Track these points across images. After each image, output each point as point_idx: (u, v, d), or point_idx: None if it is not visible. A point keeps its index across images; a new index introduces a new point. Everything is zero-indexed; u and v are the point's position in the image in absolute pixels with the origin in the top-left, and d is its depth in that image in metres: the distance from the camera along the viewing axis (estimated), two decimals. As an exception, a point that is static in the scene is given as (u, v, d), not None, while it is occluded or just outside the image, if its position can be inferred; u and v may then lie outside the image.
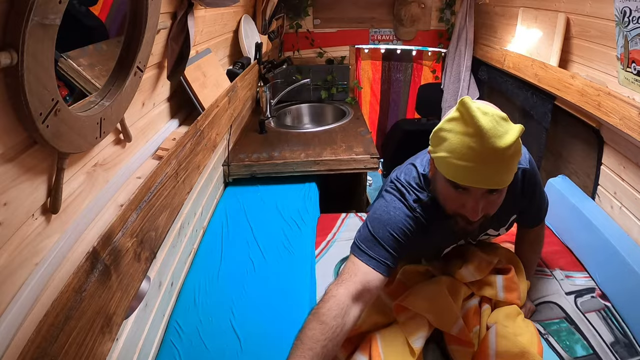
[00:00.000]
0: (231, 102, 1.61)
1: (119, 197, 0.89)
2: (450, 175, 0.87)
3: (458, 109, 0.84)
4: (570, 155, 1.79)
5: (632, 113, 1.17)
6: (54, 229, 0.70)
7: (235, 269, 1.34)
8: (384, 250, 0.97)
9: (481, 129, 0.79)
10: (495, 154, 0.80)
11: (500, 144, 0.79)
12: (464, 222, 0.93)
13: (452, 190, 0.90)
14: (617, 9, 1.16)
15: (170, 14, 1.16)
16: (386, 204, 1.03)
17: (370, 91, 3.39)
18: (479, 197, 0.88)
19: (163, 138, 1.18)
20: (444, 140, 0.86)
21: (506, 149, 0.79)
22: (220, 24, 1.73)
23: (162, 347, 1.09)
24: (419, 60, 3.24)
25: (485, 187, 0.86)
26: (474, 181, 0.84)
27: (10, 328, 0.58)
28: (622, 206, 1.37)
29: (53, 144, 0.62)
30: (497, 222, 1.13)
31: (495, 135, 0.79)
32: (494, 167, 0.82)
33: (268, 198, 1.76)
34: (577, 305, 1.22)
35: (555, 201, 1.60)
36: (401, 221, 0.99)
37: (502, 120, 0.81)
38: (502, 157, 0.81)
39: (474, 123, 0.80)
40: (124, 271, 0.75)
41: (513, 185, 0.99)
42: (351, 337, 1.04)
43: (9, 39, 0.52)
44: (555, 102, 1.75)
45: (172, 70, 1.20)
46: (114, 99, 0.81)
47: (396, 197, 1.04)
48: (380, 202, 1.06)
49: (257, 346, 1.08)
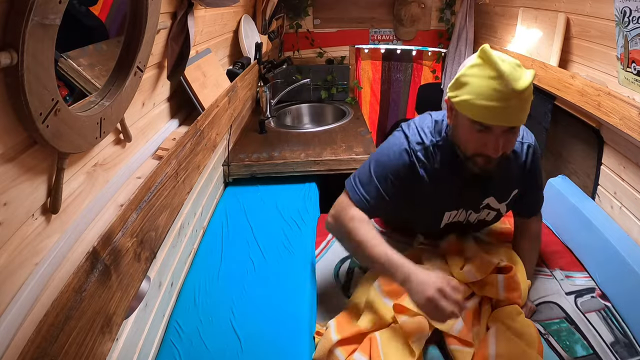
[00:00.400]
0: (231, 102, 1.61)
1: (119, 197, 0.89)
2: (475, 116, 0.96)
3: (479, 56, 0.95)
4: (570, 155, 1.79)
5: (632, 113, 1.17)
6: (54, 229, 0.70)
7: (235, 269, 1.34)
8: (375, 191, 1.08)
9: (502, 73, 0.90)
10: (515, 95, 0.90)
11: (519, 86, 0.89)
12: (483, 161, 1.02)
13: (475, 131, 0.98)
14: (617, 9, 1.16)
15: (170, 14, 1.16)
16: (388, 146, 1.12)
17: (370, 91, 3.39)
18: (500, 135, 0.97)
19: (163, 138, 1.18)
20: (466, 84, 0.96)
21: (524, 91, 0.90)
22: (220, 24, 1.73)
23: (162, 347, 1.09)
24: (419, 60, 3.24)
25: (507, 125, 0.96)
26: (498, 119, 0.94)
27: (10, 328, 0.58)
28: (622, 206, 1.37)
29: (53, 144, 0.62)
30: (500, 193, 1.18)
31: (514, 78, 0.90)
32: (514, 107, 0.92)
33: (268, 198, 1.76)
34: (577, 305, 1.22)
35: (556, 201, 1.60)
36: (399, 164, 1.08)
37: (517, 67, 0.93)
38: (521, 97, 0.91)
39: (496, 68, 0.91)
40: (124, 271, 0.75)
41: (518, 158, 1.14)
42: (351, 337, 1.05)
43: (9, 39, 0.52)
44: (555, 102, 1.75)
45: (172, 70, 1.20)
46: (114, 99, 0.81)
47: (399, 141, 1.12)
48: (384, 143, 1.15)
49: (257, 346, 1.08)
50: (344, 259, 1.43)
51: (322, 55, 2.98)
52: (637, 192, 1.30)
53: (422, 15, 2.86)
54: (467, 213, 1.21)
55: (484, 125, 0.96)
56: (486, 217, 1.25)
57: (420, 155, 1.09)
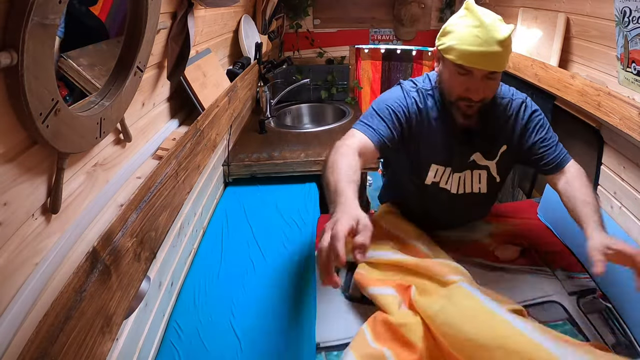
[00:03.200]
0: (231, 102, 1.61)
1: (119, 197, 0.89)
2: (458, 59, 1.07)
3: (465, 8, 1.09)
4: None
5: (632, 113, 1.17)
6: (54, 229, 0.70)
7: (235, 269, 1.34)
8: (381, 122, 1.18)
9: (484, 22, 1.04)
10: (495, 42, 1.03)
11: (499, 35, 1.03)
12: (465, 106, 1.14)
13: (458, 75, 1.10)
14: (617, 9, 1.16)
15: (170, 14, 1.16)
16: (388, 91, 1.28)
17: (370, 91, 3.39)
18: (480, 80, 1.09)
19: (163, 138, 1.18)
20: (451, 32, 1.09)
21: (503, 40, 1.03)
22: (220, 24, 1.73)
23: (161, 347, 1.09)
24: (419, 60, 3.24)
25: (486, 69, 1.07)
26: (478, 63, 1.06)
27: (10, 328, 0.58)
28: (622, 206, 1.37)
29: (53, 144, 0.62)
30: (486, 148, 1.25)
31: (494, 28, 1.04)
32: (494, 53, 1.04)
33: (268, 198, 1.76)
34: (580, 306, 1.22)
35: (556, 201, 1.59)
36: (398, 99, 1.22)
37: (498, 20, 1.07)
38: (500, 45, 1.03)
39: (478, 18, 1.05)
40: (124, 271, 0.75)
41: (505, 111, 1.24)
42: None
43: (9, 39, 0.52)
44: (555, 102, 1.75)
45: (172, 70, 1.20)
46: (114, 99, 0.81)
47: (396, 88, 1.28)
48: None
49: (257, 347, 1.08)
50: (344, 259, 1.42)
51: (322, 55, 2.98)
52: (637, 192, 1.30)
53: (422, 15, 2.86)
54: (453, 175, 1.26)
55: (465, 69, 1.08)
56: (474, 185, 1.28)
57: (414, 95, 1.23)
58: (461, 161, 1.25)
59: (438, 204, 1.31)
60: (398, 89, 1.26)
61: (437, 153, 1.24)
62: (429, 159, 1.25)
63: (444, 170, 1.25)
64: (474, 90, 1.09)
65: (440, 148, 1.23)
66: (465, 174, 1.26)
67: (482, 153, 1.24)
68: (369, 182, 3.09)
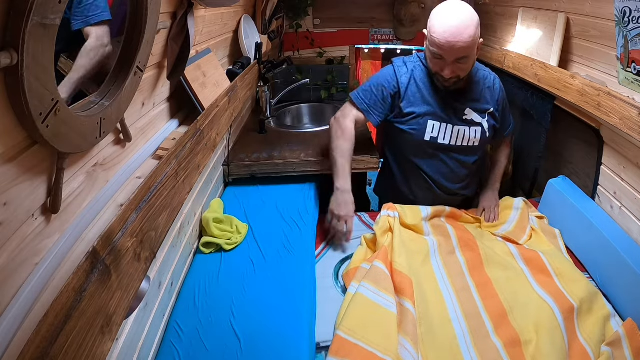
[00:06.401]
0: (231, 102, 1.61)
1: (119, 197, 0.89)
2: (432, 46, 1.42)
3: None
4: (570, 156, 1.79)
5: (632, 113, 1.17)
6: (54, 229, 0.70)
7: (235, 269, 1.34)
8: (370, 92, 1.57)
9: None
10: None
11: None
12: (442, 80, 1.47)
13: (434, 57, 1.44)
14: (617, 9, 1.16)
15: (170, 14, 1.16)
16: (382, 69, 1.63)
17: (370, 91, 3.39)
18: (450, 63, 1.40)
19: (163, 138, 1.18)
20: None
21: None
22: (220, 24, 1.73)
23: (161, 347, 1.09)
24: (419, 60, 3.24)
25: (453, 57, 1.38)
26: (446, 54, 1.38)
27: (10, 328, 0.58)
28: (622, 206, 1.38)
29: (53, 144, 0.62)
30: (477, 105, 1.56)
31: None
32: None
33: (268, 198, 1.75)
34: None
35: (556, 201, 1.60)
36: (386, 73, 1.59)
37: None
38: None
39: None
40: (124, 271, 0.75)
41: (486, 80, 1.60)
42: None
43: (9, 39, 0.52)
44: (555, 102, 1.75)
45: (172, 70, 1.20)
46: (114, 99, 0.81)
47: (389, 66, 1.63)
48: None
49: (257, 347, 1.08)
50: (344, 260, 1.43)
51: (322, 55, 2.98)
52: (637, 192, 1.30)
53: (422, 16, 2.86)
54: (448, 128, 1.53)
55: (437, 55, 1.40)
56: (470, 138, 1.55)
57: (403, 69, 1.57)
58: (455, 115, 1.54)
59: (435, 162, 1.59)
60: (388, 67, 1.60)
61: (433, 110, 1.53)
62: (426, 114, 1.53)
63: (440, 125, 1.53)
64: (447, 70, 1.41)
65: (435, 105, 1.52)
66: (461, 128, 1.54)
67: (472, 109, 1.54)
68: (369, 182, 3.09)
